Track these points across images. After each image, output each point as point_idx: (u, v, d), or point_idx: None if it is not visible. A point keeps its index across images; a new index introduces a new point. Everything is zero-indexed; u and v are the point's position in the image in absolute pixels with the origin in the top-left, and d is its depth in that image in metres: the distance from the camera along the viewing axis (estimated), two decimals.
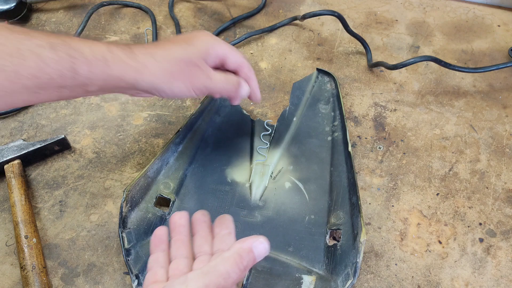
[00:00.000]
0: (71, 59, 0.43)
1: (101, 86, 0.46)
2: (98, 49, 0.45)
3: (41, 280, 0.52)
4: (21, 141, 0.64)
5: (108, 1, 0.85)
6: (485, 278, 0.53)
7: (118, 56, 0.46)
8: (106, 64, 0.45)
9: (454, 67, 0.68)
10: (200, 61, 0.50)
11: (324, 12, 0.76)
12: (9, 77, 0.41)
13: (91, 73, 0.44)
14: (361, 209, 0.53)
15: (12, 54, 0.41)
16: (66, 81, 0.43)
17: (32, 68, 0.41)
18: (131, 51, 0.47)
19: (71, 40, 0.44)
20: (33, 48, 0.41)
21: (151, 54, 0.47)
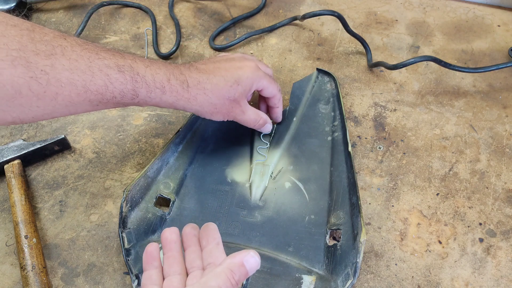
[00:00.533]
0: (134, 83, 0.48)
1: (151, 105, 0.52)
2: (159, 78, 0.50)
3: (41, 280, 0.52)
4: (21, 141, 0.64)
5: (108, 1, 0.85)
6: (485, 278, 0.53)
7: (174, 87, 0.51)
8: (163, 92, 0.51)
9: (454, 67, 0.68)
10: (242, 99, 0.57)
11: (324, 12, 0.76)
12: (78, 91, 0.45)
13: (148, 97, 0.50)
14: (361, 209, 0.53)
15: (84, 71, 0.44)
16: (125, 100, 0.49)
17: (99, 86, 0.46)
18: (187, 83, 0.53)
19: (136, 65, 0.49)
20: (102, 67, 0.46)
21: (203, 88, 0.53)
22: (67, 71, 0.43)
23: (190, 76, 0.53)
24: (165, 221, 0.58)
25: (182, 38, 0.80)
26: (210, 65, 0.56)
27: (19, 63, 0.41)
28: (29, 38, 0.42)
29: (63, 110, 0.46)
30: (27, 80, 0.41)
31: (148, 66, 0.50)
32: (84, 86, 0.45)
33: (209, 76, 0.54)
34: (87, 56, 0.45)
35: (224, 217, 0.58)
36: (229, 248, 0.54)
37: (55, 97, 0.44)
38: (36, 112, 0.44)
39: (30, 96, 0.42)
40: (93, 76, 0.45)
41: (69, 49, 0.44)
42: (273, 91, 0.60)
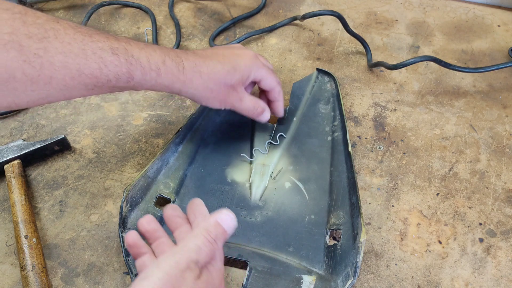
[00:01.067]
0: (129, 65, 0.47)
1: (147, 89, 0.52)
2: (154, 60, 0.49)
3: (41, 280, 0.52)
4: (21, 141, 0.64)
5: (108, 1, 0.85)
6: (485, 278, 0.53)
7: (170, 69, 0.51)
8: (158, 74, 0.50)
9: (454, 67, 0.68)
10: (239, 85, 0.56)
11: (324, 12, 0.76)
12: (72, 74, 0.44)
13: (144, 80, 0.49)
14: (361, 209, 0.53)
15: (78, 54, 0.44)
16: (120, 83, 0.48)
17: (93, 69, 0.45)
18: (182, 65, 0.52)
19: (130, 47, 0.48)
20: (96, 50, 0.45)
21: (199, 71, 0.53)
22: (61, 54, 0.43)
23: (187, 58, 0.53)
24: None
25: (182, 38, 0.80)
26: (208, 51, 0.56)
27: (12, 46, 0.40)
28: (21, 21, 0.41)
29: (58, 94, 0.46)
30: (21, 63, 0.41)
31: (143, 49, 0.49)
32: (78, 69, 0.44)
33: (206, 60, 0.54)
34: (80, 39, 0.44)
35: None
36: (229, 248, 0.55)
37: (49, 81, 0.43)
38: (30, 96, 0.44)
39: (24, 80, 0.42)
40: (87, 59, 0.44)
41: (62, 32, 0.43)
42: (272, 82, 0.59)
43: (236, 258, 0.54)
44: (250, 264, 0.53)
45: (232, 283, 0.53)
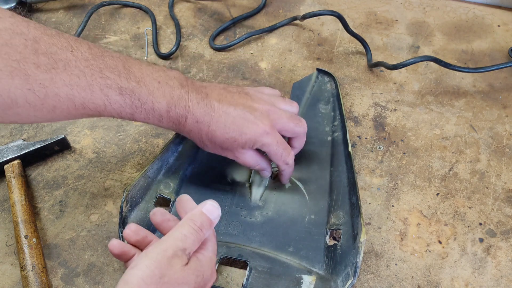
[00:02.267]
0: (134, 108, 0.47)
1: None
2: (158, 108, 0.48)
3: (41, 280, 0.52)
4: (21, 141, 0.64)
5: (108, 1, 0.85)
6: (485, 278, 0.53)
7: (172, 119, 0.50)
8: (161, 121, 0.50)
9: (454, 67, 0.68)
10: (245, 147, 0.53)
11: (324, 12, 0.76)
12: (76, 107, 0.45)
13: (146, 120, 0.49)
14: (361, 209, 0.53)
15: (84, 88, 0.44)
16: (123, 118, 0.48)
17: (97, 105, 0.45)
18: (185, 117, 0.50)
19: (140, 89, 0.47)
20: (103, 87, 0.45)
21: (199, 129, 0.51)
22: (67, 87, 0.43)
23: (194, 111, 0.50)
24: None
25: (182, 38, 0.80)
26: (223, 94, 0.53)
27: (17, 74, 0.40)
28: (32, 49, 0.41)
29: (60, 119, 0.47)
30: (24, 92, 0.41)
31: (152, 93, 0.48)
32: (83, 103, 0.45)
33: (214, 116, 0.51)
34: (90, 73, 0.44)
35: (224, 217, 0.58)
36: (229, 248, 0.55)
37: (53, 110, 0.44)
38: (34, 120, 0.45)
39: (27, 107, 0.42)
40: (93, 95, 0.45)
41: (72, 64, 0.43)
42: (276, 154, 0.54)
43: (236, 258, 0.54)
44: (250, 264, 0.53)
45: (232, 283, 0.53)
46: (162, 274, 0.38)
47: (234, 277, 0.54)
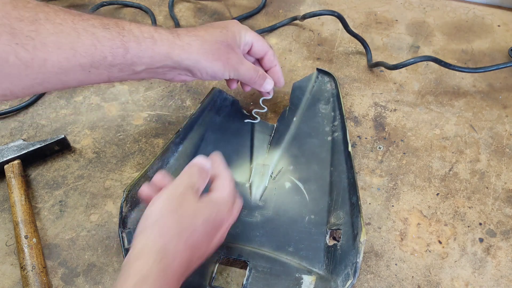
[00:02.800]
0: (122, 37, 0.47)
1: (148, 65, 0.50)
2: (146, 29, 0.49)
3: (41, 280, 0.52)
4: (21, 141, 0.64)
5: (108, 1, 0.85)
6: (485, 278, 0.53)
7: (165, 35, 0.50)
8: (154, 42, 0.49)
9: (454, 67, 0.68)
10: (235, 44, 0.55)
11: (324, 12, 0.76)
12: (66, 55, 0.44)
13: (140, 51, 0.48)
14: (361, 209, 0.53)
15: (69, 33, 0.44)
16: (117, 59, 0.47)
17: (87, 46, 0.45)
18: (176, 32, 0.52)
19: (121, 22, 0.48)
20: (88, 27, 0.45)
21: (194, 35, 0.52)
22: (53, 35, 0.43)
23: (178, 29, 0.53)
24: None
25: None
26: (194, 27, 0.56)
27: (4, 30, 0.41)
28: (11, 5, 0.42)
29: (53, 78, 0.45)
30: (13, 47, 0.41)
31: (133, 23, 0.49)
32: (72, 48, 0.44)
33: (197, 28, 0.54)
34: (70, 19, 0.45)
35: None
36: (229, 248, 0.55)
37: (44, 64, 0.43)
38: (25, 82, 0.44)
39: (18, 64, 0.42)
40: (79, 37, 0.44)
41: (52, 14, 0.44)
42: (264, 44, 0.58)
43: (236, 258, 0.54)
44: (250, 264, 0.53)
45: (232, 283, 0.53)
46: (177, 206, 0.43)
47: (234, 277, 0.54)
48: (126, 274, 0.38)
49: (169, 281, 0.39)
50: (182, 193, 0.44)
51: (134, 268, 0.38)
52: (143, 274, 0.38)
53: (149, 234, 0.41)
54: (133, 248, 0.40)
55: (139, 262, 0.38)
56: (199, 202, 0.44)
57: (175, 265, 0.40)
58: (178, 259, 0.40)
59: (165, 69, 0.52)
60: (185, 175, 0.47)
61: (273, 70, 0.61)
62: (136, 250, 0.40)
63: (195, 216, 0.43)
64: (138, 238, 0.41)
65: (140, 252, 0.39)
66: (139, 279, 0.37)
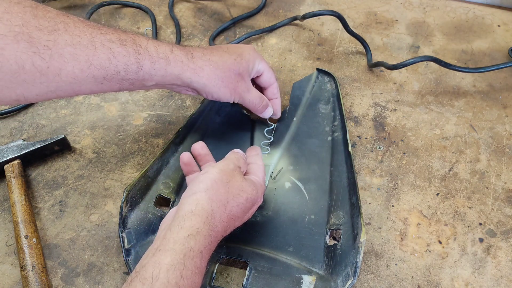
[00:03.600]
0: (137, 54, 0.48)
1: (158, 82, 0.51)
2: (162, 49, 0.50)
3: (41, 280, 0.52)
4: (21, 141, 0.64)
5: (108, 1, 0.85)
6: (485, 278, 0.53)
7: (179, 57, 0.51)
8: (168, 63, 0.50)
9: (454, 67, 0.68)
10: (246, 74, 0.57)
11: (324, 12, 0.76)
12: (81, 66, 0.45)
13: (153, 69, 0.50)
14: (361, 209, 0.53)
15: (87, 46, 0.45)
16: (129, 75, 0.48)
17: (102, 60, 0.46)
18: (191, 54, 0.53)
19: (138, 38, 0.49)
20: (104, 42, 0.46)
21: (208, 60, 0.54)
22: (70, 46, 0.44)
23: (194, 49, 0.54)
24: None
25: (182, 38, 0.80)
26: (211, 46, 0.58)
27: (22, 38, 0.41)
28: (32, 14, 0.42)
29: (67, 87, 0.46)
30: (30, 55, 0.42)
31: (150, 40, 0.51)
32: (87, 60, 0.45)
33: (213, 51, 0.55)
34: (89, 31, 0.45)
35: None
36: (229, 248, 0.55)
37: (59, 73, 0.44)
38: (39, 89, 0.45)
39: (34, 71, 0.43)
40: (96, 51, 0.45)
41: (71, 25, 0.45)
42: (272, 77, 0.61)
43: (236, 258, 0.54)
44: (250, 264, 0.53)
45: (232, 283, 0.53)
46: (228, 180, 0.48)
47: (234, 277, 0.54)
48: (179, 226, 0.43)
49: (212, 240, 0.44)
50: (232, 170, 0.49)
51: (188, 223, 0.43)
52: (196, 228, 0.43)
53: (201, 197, 0.45)
54: (184, 206, 0.45)
55: (194, 218, 0.43)
56: (244, 181, 0.49)
57: (217, 230, 0.45)
58: (220, 226, 0.46)
59: (173, 85, 0.54)
60: (233, 156, 0.52)
61: (273, 102, 0.63)
62: (189, 209, 0.44)
63: (241, 191, 0.48)
64: (191, 199, 0.45)
65: (193, 211, 0.44)
66: (193, 232, 0.42)
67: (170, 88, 0.55)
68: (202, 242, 0.42)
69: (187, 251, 0.41)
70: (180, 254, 0.40)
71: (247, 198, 0.48)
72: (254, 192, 0.50)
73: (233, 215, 0.47)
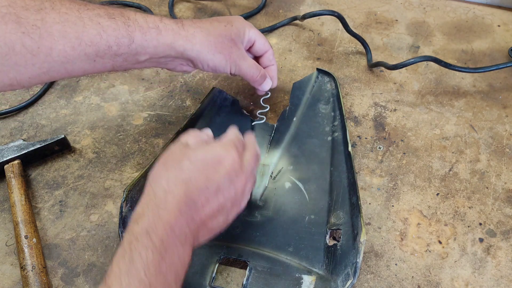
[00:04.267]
0: (127, 27, 0.47)
1: (152, 55, 0.50)
2: (152, 19, 0.50)
3: (41, 280, 0.52)
4: (21, 141, 0.64)
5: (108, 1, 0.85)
6: (485, 278, 0.53)
7: (169, 26, 0.51)
8: (159, 32, 0.49)
9: (454, 67, 0.68)
10: (238, 40, 0.56)
11: (324, 12, 0.76)
12: (72, 43, 0.44)
13: (145, 41, 0.49)
14: (361, 209, 0.53)
15: (75, 22, 0.44)
16: (122, 49, 0.48)
17: (92, 35, 0.45)
18: (181, 23, 0.52)
19: (127, 12, 0.49)
20: (93, 17, 0.45)
21: (199, 26, 0.53)
22: (58, 24, 0.43)
23: (184, 19, 0.54)
24: None
25: None
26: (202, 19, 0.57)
27: (10, 19, 0.41)
28: None
29: (59, 67, 0.46)
30: (20, 36, 0.41)
31: (138, 13, 0.50)
32: (78, 37, 0.44)
33: (202, 20, 0.55)
34: (76, 8, 0.45)
35: None
36: (229, 248, 0.55)
37: (50, 53, 0.44)
38: (32, 71, 0.44)
39: (24, 52, 0.42)
40: (85, 26, 0.45)
41: (57, 3, 0.44)
42: (266, 43, 0.60)
43: (236, 258, 0.54)
44: (250, 264, 0.53)
45: (232, 283, 0.53)
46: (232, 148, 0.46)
47: (234, 277, 0.54)
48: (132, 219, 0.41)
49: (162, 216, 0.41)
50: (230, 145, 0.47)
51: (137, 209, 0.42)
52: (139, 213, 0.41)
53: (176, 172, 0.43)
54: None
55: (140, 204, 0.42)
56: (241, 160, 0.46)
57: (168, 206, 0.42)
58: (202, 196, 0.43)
59: (168, 58, 0.53)
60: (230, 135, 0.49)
61: (270, 69, 0.62)
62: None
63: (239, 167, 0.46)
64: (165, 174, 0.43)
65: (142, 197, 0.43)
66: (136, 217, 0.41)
67: (165, 64, 0.54)
68: (146, 222, 0.40)
69: (132, 238, 0.39)
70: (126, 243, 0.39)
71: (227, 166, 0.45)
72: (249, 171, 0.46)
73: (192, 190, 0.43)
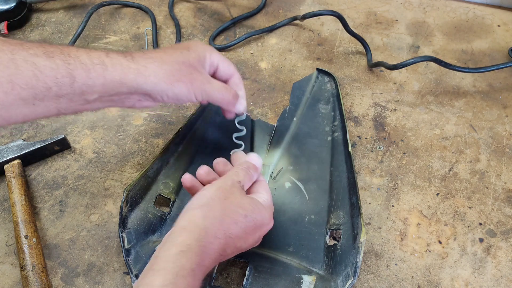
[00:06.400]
0: (67, 65, 0.42)
1: (100, 93, 0.45)
2: (96, 54, 0.45)
3: (41, 280, 0.52)
4: (21, 141, 0.64)
5: (108, 1, 0.85)
6: (485, 278, 0.53)
7: (117, 59, 0.45)
8: (105, 68, 0.44)
9: (454, 67, 0.68)
10: (199, 65, 0.50)
11: (324, 12, 0.76)
12: (4, 89, 0.40)
13: (89, 79, 0.43)
14: (361, 209, 0.53)
15: (7, 64, 0.40)
16: (64, 90, 0.43)
17: (27, 78, 0.41)
18: (130, 55, 0.47)
19: (67, 48, 0.44)
20: (28, 57, 0.41)
21: (151, 57, 0.47)
22: None
23: (134, 52, 0.48)
24: (165, 221, 0.58)
25: (182, 38, 0.80)
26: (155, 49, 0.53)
27: None
28: None
29: None
30: None
31: (81, 49, 0.45)
32: (10, 81, 0.40)
33: (155, 50, 0.51)
34: (9, 49, 0.41)
35: None
36: None
37: None
38: None
39: None
40: (18, 68, 0.40)
41: None
42: (230, 66, 0.54)
43: (236, 258, 0.54)
44: (250, 264, 0.53)
45: (232, 283, 0.53)
46: (225, 196, 0.45)
47: (234, 277, 0.54)
48: (171, 242, 0.41)
49: (205, 258, 0.41)
50: (230, 186, 0.47)
51: (180, 239, 0.41)
52: (187, 244, 0.40)
53: (195, 213, 0.43)
54: (178, 222, 0.43)
55: (185, 235, 0.41)
56: (245, 198, 0.47)
57: (212, 247, 0.42)
58: (216, 244, 0.43)
59: (121, 96, 0.47)
60: (233, 172, 0.49)
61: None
62: (182, 224, 0.43)
63: (239, 208, 0.45)
64: (185, 215, 0.44)
65: (186, 227, 0.42)
66: (183, 249, 0.40)
67: (121, 102, 0.48)
68: (194, 259, 0.40)
69: (178, 270, 0.38)
70: (171, 274, 0.38)
71: (246, 215, 0.45)
72: (256, 211, 0.46)
73: (232, 233, 0.44)
